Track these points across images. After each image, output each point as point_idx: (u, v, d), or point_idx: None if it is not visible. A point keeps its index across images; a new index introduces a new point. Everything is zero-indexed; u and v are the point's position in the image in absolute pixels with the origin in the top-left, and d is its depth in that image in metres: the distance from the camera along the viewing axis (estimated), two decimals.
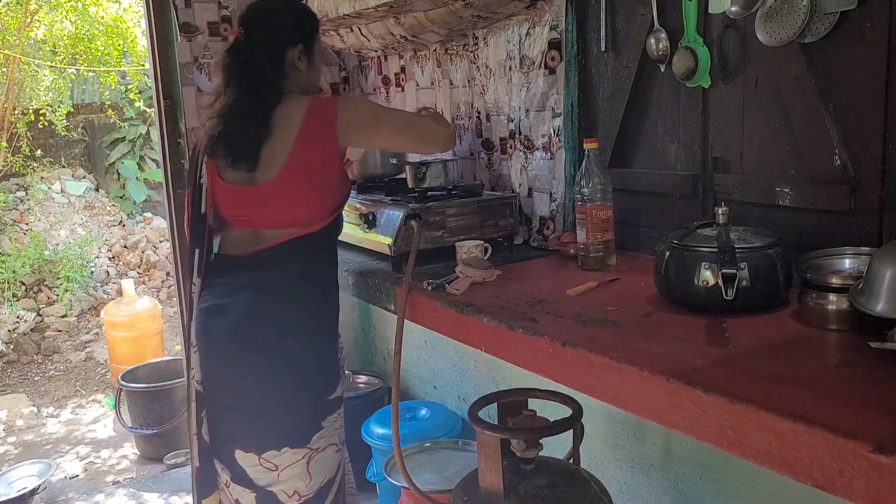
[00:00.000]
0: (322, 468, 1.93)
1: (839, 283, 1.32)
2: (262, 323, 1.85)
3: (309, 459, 1.89)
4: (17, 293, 6.25)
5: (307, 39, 1.92)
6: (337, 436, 1.97)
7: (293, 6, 1.98)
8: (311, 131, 1.80)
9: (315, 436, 1.89)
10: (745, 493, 1.87)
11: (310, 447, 1.89)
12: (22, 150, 7.17)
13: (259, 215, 1.86)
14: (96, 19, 7.56)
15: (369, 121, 1.88)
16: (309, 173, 1.82)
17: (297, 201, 1.83)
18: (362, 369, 3.66)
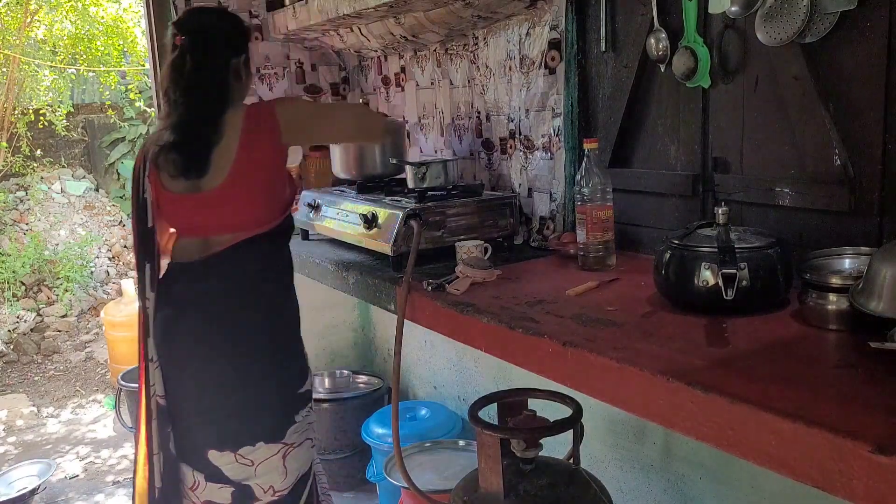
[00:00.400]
0: (297, 463, 1.98)
1: (839, 283, 1.32)
2: (226, 324, 1.91)
3: (284, 454, 1.94)
4: (17, 293, 6.25)
5: (247, 49, 1.99)
6: (311, 430, 2.03)
7: (231, 18, 2.04)
8: (252, 135, 1.86)
9: (289, 430, 1.95)
10: (745, 493, 1.87)
11: (285, 442, 1.94)
12: (22, 150, 7.17)
13: (207, 221, 1.91)
14: (96, 19, 7.56)
15: (310, 119, 1.98)
16: (256, 176, 1.88)
17: (245, 204, 1.89)
18: (362, 369, 3.66)
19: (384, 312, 2.86)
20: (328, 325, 3.71)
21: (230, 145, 1.86)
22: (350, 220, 2.34)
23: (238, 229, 1.90)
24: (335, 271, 2.26)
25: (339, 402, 3.23)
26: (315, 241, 2.64)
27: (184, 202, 1.91)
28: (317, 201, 2.59)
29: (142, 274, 1.95)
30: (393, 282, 1.96)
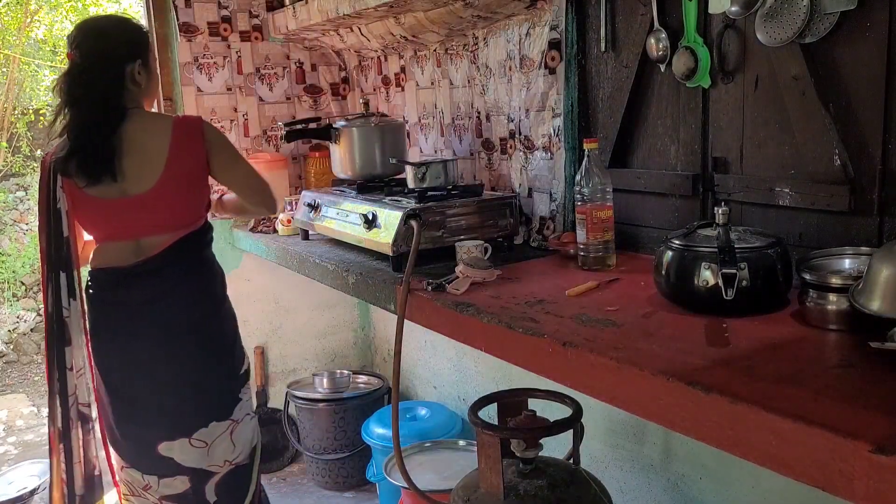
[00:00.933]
0: (243, 436, 2.15)
1: (839, 283, 1.32)
2: (178, 321, 2.03)
3: (232, 430, 2.11)
4: (17, 293, 6.25)
5: (143, 53, 2.03)
6: (249, 405, 2.20)
7: (124, 24, 2.09)
8: (182, 143, 1.98)
9: (236, 408, 2.12)
10: (745, 493, 1.87)
11: (232, 419, 2.11)
12: (22, 150, 7.17)
13: (139, 223, 1.98)
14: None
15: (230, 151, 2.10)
16: (188, 179, 2.01)
17: (179, 205, 2.02)
18: (362, 369, 3.66)
19: (384, 312, 2.86)
20: (328, 325, 3.71)
21: (158, 152, 1.96)
22: (350, 220, 2.34)
23: (172, 230, 2.01)
24: (335, 271, 2.26)
25: (339, 402, 3.24)
26: (315, 241, 2.64)
27: (112, 206, 1.97)
28: (317, 201, 2.59)
29: (55, 284, 2.00)
30: (393, 282, 1.97)
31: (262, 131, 3.36)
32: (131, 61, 1.98)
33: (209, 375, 2.08)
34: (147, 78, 2.04)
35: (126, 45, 2.00)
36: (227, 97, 3.29)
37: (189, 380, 2.05)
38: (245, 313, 3.46)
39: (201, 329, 2.07)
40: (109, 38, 1.99)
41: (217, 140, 2.06)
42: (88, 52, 1.96)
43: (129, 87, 1.98)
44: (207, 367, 2.08)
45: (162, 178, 1.95)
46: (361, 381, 3.46)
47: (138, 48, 2.02)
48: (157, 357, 2.02)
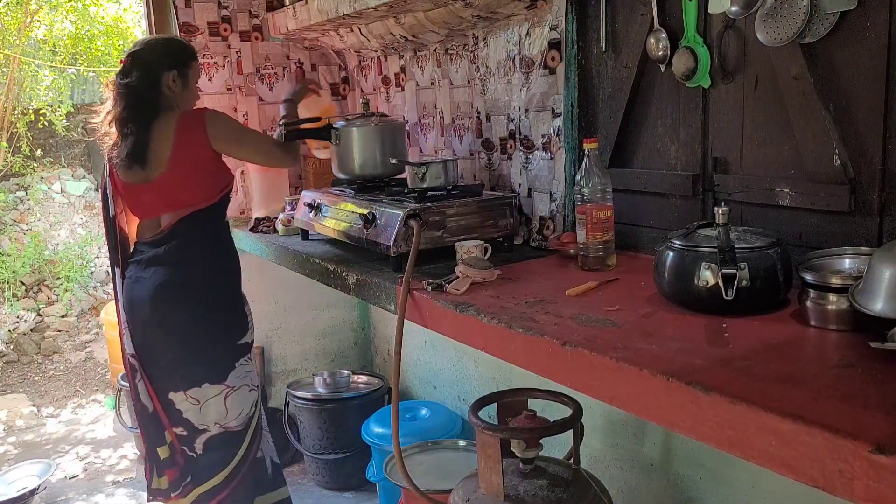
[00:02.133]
0: (238, 404, 2.37)
1: (839, 283, 1.32)
2: (176, 284, 2.32)
3: (226, 396, 2.34)
4: (17, 293, 6.25)
5: (180, 66, 2.35)
6: (249, 378, 2.41)
7: (169, 42, 2.50)
8: (184, 136, 2.28)
9: (231, 374, 2.35)
10: (745, 493, 1.87)
11: (227, 384, 2.34)
12: (22, 150, 7.17)
13: (157, 204, 2.34)
14: (96, 19, 7.57)
15: (234, 134, 2.38)
16: (188, 167, 2.30)
17: (182, 188, 2.31)
18: (362, 369, 3.66)
19: (384, 312, 2.86)
20: (328, 325, 3.71)
21: (166, 144, 2.27)
22: (350, 220, 2.34)
23: (178, 207, 2.32)
24: (335, 271, 2.26)
25: (339, 402, 3.24)
26: (315, 241, 2.64)
27: (140, 190, 2.33)
28: (317, 201, 2.59)
29: (113, 253, 2.44)
30: (393, 282, 1.97)
31: (261, 131, 3.37)
32: (167, 71, 2.31)
33: (200, 339, 2.32)
34: (182, 87, 2.35)
35: (163, 57, 2.33)
36: (227, 97, 3.29)
37: (181, 341, 2.31)
38: None
39: (192, 296, 2.32)
40: (151, 50, 2.36)
41: (217, 126, 2.31)
42: (134, 60, 2.31)
43: (163, 91, 2.32)
44: (199, 332, 2.31)
45: (168, 167, 2.27)
46: (361, 381, 3.46)
47: (174, 61, 2.34)
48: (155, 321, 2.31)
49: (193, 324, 2.32)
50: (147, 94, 2.30)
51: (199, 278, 2.34)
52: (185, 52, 2.41)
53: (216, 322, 2.35)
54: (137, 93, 2.28)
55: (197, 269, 2.35)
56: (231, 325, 2.38)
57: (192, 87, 2.42)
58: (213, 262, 2.39)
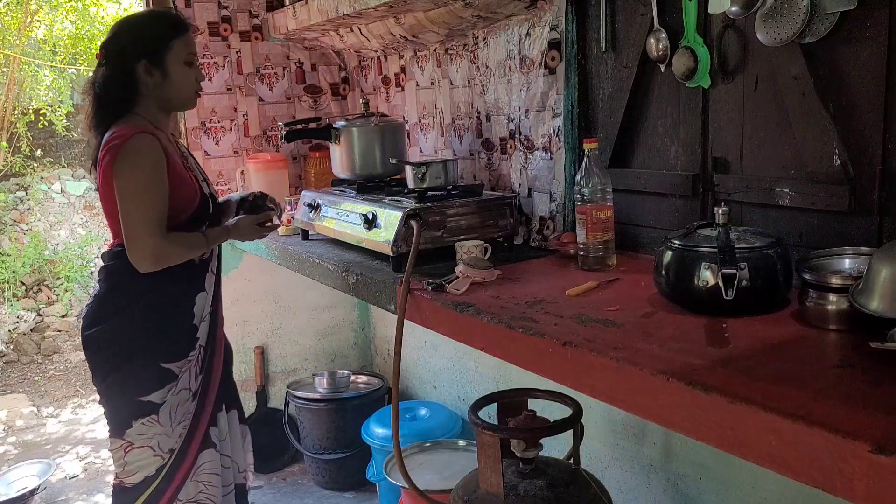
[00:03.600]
0: (134, 462, 2.06)
1: (839, 283, 1.32)
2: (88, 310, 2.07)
3: (125, 451, 2.06)
4: (17, 293, 6.25)
5: (152, 53, 1.94)
6: (155, 440, 2.05)
7: (137, 21, 2.06)
8: (103, 158, 1.91)
9: (127, 430, 2.04)
10: (745, 493, 1.87)
11: (125, 439, 2.05)
12: (22, 150, 7.17)
13: None
14: (96, 19, 7.57)
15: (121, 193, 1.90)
16: (102, 194, 1.96)
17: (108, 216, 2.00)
18: (362, 369, 3.67)
19: (384, 312, 2.86)
20: (328, 325, 3.71)
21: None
22: (350, 220, 2.34)
23: (113, 235, 2.04)
24: (335, 271, 2.26)
25: (339, 402, 3.24)
26: (315, 241, 2.64)
27: None
28: (317, 201, 2.59)
29: None
30: (393, 282, 1.97)
31: (262, 131, 3.37)
32: (136, 60, 1.93)
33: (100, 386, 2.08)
34: (162, 77, 1.96)
35: (130, 44, 1.94)
36: (227, 97, 3.29)
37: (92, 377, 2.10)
38: (245, 313, 3.47)
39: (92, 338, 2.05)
40: (117, 37, 1.97)
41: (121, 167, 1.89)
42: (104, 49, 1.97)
43: (139, 88, 1.96)
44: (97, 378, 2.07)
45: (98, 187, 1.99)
46: (361, 381, 3.46)
47: (143, 47, 1.94)
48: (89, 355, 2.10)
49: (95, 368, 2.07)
50: (112, 93, 1.94)
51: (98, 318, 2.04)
52: (160, 31, 1.97)
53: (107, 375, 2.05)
54: (104, 90, 1.95)
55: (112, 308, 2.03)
56: (133, 380, 2.03)
57: (179, 71, 1.98)
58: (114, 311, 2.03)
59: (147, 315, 2.03)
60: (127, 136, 1.89)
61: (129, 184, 1.89)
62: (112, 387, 2.05)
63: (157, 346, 2.04)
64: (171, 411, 2.06)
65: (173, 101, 2.04)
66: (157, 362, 2.04)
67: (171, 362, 2.05)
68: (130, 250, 1.91)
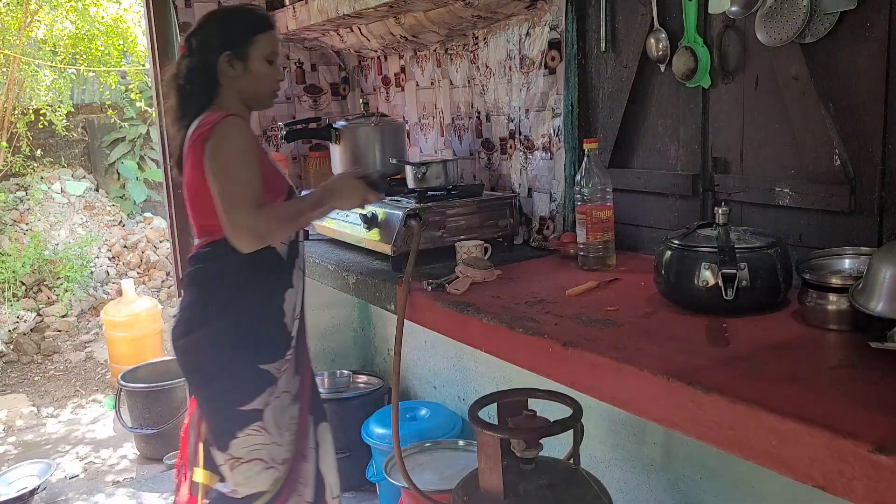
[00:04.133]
0: (245, 479, 1.92)
1: (839, 283, 1.32)
2: (180, 320, 1.98)
3: (232, 466, 1.92)
4: (17, 293, 6.25)
5: (236, 45, 1.90)
6: (265, 451, 1.93)
7: (223, 14, 2.01)
8: (192, 147, 1.86)
9: (232, 443, 1.91)
10: (745, 493, 1.87)
11: (230, 454, 1.92)
12: (22, 150, 7.17)
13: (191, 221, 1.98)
14: (96, 19, 7.56)
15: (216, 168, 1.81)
16: (192, 187, 1.88)
17: (196, 211, 1.92)
18: (362, 369, 3.66)
19: (384, 312, 2.86)
20: (328, 325, 3.71)
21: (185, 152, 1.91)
22: (350, 220, 2.34)
23: (201, 234, 1.95)
24: (335, 271, 2.26)
25: (339, 402, 3.23)
26: (315, 241, 2.64)
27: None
28: None
29: None
30: (393, 282, 1.96)
31: (262, 131, 3.36)
32: (218, 53, 1.90)
33: (197, 394, 1.99)
34: (244, 70, 1.92)
35: (214, 36, 1.91)
36: None
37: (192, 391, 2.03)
38: None
39: (186, 348, 1.95)
40: (202, 29, 1.95)
41: (217, 144, 1.82)
42: (187, 42, 1.94)
43: (221, 80, 1.92)
44: (193, 386, 2.00)
45: (183, 182, 1.93)
46: (361, 381, 3.46)
47: (227, 40, 1.91)
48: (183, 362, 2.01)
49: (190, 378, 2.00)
50: (196, 85, 1.91)
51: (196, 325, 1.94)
52: (243, 25, 1.94)
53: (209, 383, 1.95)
54: (188, 81, 1.92)
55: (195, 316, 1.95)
56: (234, 387, 1.92)
57: (260, 66, 1.93)
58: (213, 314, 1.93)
59: (240, 315, 1.93)
60: (217, 120, 1.84)
61: (223, 162, 1.81)
62: (214, 396, 1.94)
63: (254, 347, 1.94)
64: (275, 418, 1.95)
65: (252, 96, 1.97)
66: (255, 364, 1.93)
67: (268, 363, 1.94)
68: (231, 229, 1.79)
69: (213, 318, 1.93)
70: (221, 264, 1.91)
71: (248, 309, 1.94)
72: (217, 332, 1.93)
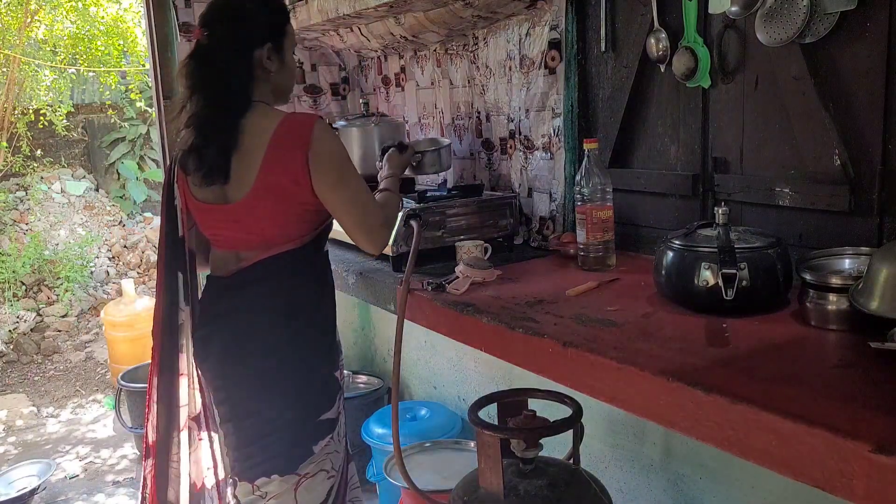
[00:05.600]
0: (309, 495, 1.83)
1: (839, 283, 1.32)
2: (245, 346, 1.79)
3: (297, 486, 1.81)
4: (17, 293, 6.25)
5: (276, 37, 1.76)
6: (329, 462, 1.86)
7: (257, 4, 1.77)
8: (280, 150, 1.68)
9: (305, 461, 1.81)
10: (745, 493, 1.87)
11: (298, 473, 1.81)
12: (22, 150, 7.18)
13: (235, 235, 1.78)
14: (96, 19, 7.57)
15: (337, 174, 1.71)
16: (279, 193, 1.70)
17: (268, 222, 1.74)
18: (362, 369, 3.66)
19: (384, 312, 2.86)
20: None
21: (255, 155, 1.68)
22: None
23: (262, 246, 1.76)
24: (335, 271, 2.25)
25: None
26: None
27: (213, 213, 1.78)
28: None
29: (172, 286, 1.87)
30: (393, 282, 1.96)
31: None
32: (260, 45, 1.73)
33: (271, 418, 1.79)
34: (279, 64, 1.78)
35: (255, 25, 1.73)
36: None
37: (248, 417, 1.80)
38: None
39: (262, 360, 1.78)
40: (237, 16, 1.73)
41: (326, 151, 1.69)
42: (214, 32, 1.72)
43: (257, 74, 1.74)
44: (268, 405, 1.79)
45: (253, 189, 1.69)
46: (361, 381, 3.46)
47: (269, 30, 1.75)
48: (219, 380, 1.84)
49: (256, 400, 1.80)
50: (235, 80, 1.70)
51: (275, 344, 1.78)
52: (281, 15, 1.80)
53: (289, 398, 1.79)
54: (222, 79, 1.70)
55: (273, 333, 1.78)
56: (308, 400, 1.81)
57: (291, 60, 1.81)
58: (293, 327, 1.79)
59: (314, 326, 1.84)
60: (311, 121, 1.70)
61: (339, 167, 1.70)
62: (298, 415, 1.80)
63: (325, 355, 1.87)
64: (342, 424, 1.88)
65: (283, 90, 1.85)
66: (331, 371, 1.86)
67: (333, 370, 1.88)
68: (366, 232, 1.73)
69: (295, 333, 1.80)
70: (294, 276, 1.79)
71: (321, 318, 1.87)
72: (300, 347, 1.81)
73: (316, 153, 1.67)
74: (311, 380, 1.83)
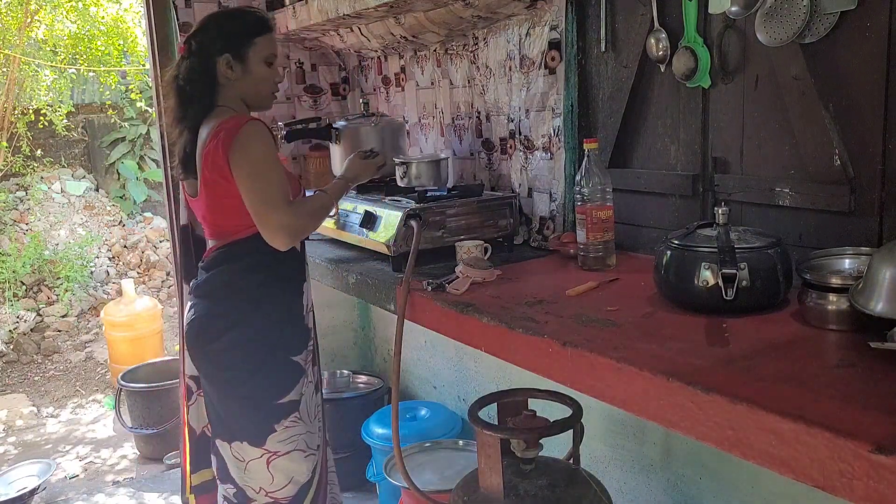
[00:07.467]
0: (287, 472, 1.98)
1: (839, 283, 1.32)
2: (205, 325, 1.98)
3: (268, 461, 1.97)
4: (18, 293, 6.25)
5: (235, 47, 1.93)
6: (303, 442, 2.00)
7: (223, 17, 2.04)
8: (213, 148, 1.86)
9: (269, 437, 1.95)
10: (745, 493, 1.87)
11: (266, 449, 1.96)
12: (22, 150, 7.17)
13: (204, 224, 2.04)
14: (96, 19, 7.56)
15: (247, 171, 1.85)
16: (213, 187, 1.90)
17: (213, 214, 1.96)
18: (362, 369, 3.66)
19: (384, 312, 2.86)
20: (328, 325, 3.71)
21: (200, 154, 1.91)
22: (350, 220, 2.34)
23: (220, 235, 1.99)
24: (335, 271, 2.26)
25: (339, 402, 3.23)
26: (315, 240, 2.64)
27: (192, 204, 2.07)
28: None
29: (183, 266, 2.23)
30: (393, 282, 1.96)
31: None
32: (218, 55, 1.92)
33: (230, 393, 1.98)
34: (243, 72, 1.95)
35: (214, 38, 1.94)
36: None
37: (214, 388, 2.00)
38: None
39: (217, 345, 1.96)
40: (202, 30, 1.97)
41: (245, 147, 1.85)
42: (188, 43, 1.97)
43: (220, 82, 1.95)
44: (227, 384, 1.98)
45: (200, 182, 1.93)
46: (361, 381, 3.46)
47: (227, 41, 1.93)
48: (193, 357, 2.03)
49: (223, 380, 1.98)
50: (196, 86, 1.93)
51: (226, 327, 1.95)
52: (244, 26, 1.97)
53: (243, 379, 1.95)
54: (188, 82, 1.94)
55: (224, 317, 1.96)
56: (265, 384, 1.96)
57: (259, 69, 1.97)
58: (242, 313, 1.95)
59: (271, 312, 1.98)
60: (242, 123, 1.87)
61: (254, 164, 1.86)
62: (251, 394, 1.96)
63: (286, 341, 2.00)
64: (307, 407, 2.03)
65: (251, 97, 2.01)
66: (288, 357, 2.00)
67: (297, 355, 2.02)
68: (268, 228, 1.85)
69: (246, 317, 1.95)
70: (245, 264, 1.96)
71: (277, 305, 1.99)
72: (252, 331, 1.96)
73: (235, 150, 1.84)
74: (262, 366, 1.96)
